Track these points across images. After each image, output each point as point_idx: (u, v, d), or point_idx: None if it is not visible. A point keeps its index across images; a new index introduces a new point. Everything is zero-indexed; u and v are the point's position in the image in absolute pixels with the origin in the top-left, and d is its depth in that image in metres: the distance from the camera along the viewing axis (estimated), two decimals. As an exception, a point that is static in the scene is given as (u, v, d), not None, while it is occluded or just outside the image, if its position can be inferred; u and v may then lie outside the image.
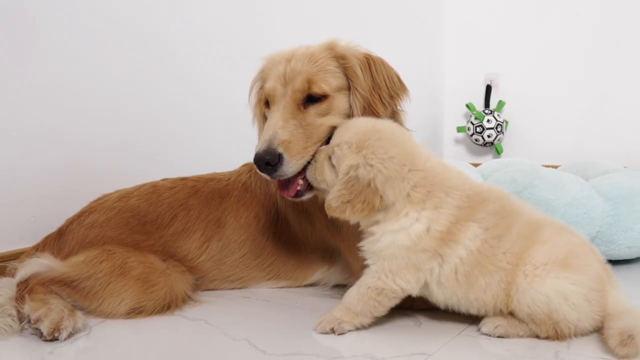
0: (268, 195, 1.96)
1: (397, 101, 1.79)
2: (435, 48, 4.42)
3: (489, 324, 1.52)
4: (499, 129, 4.15)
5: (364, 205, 1.46)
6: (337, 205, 1.48)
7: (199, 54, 2.75)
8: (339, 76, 1.71)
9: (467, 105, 4.30)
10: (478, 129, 4.17)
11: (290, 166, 1.62)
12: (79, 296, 1.72)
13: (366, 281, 1.54)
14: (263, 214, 1.95)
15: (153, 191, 1.98)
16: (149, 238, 1.90)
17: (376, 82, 1.72)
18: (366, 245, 1.55)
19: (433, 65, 4.42)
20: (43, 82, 2.18)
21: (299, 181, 1.68)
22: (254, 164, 1.63)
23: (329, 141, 1.73)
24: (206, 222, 1.94)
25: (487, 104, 4.29)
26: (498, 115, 4.17)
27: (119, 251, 1.80)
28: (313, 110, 1.68)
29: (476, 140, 4.21)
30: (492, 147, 4.31)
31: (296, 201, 1.77)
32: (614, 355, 1.38)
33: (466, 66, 4.42)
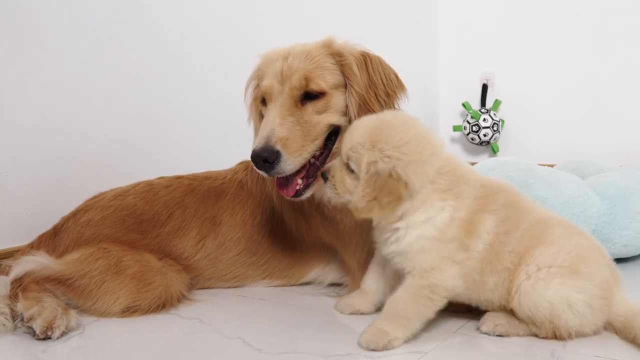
0: (264, 193, 1.95)
1: (394, 99, 1.78)
2: (431, 47, 4.42)
3: (489, 323, 1.51)
4: (495, 128, 4.15)
5: (391, 197, 1.40)
6: (364, 205, 1.42)
7: (197, 52, 2.74)
8: (336, 73, 1.71)
9: (464, 104, 4.30)
10: (474, 128, 4.17)
11: (288, 164, 1.61)
12: (74, 294, 1.71)
13: (414, 282, 1.45)
14: (259, 212, 1.94)
15: (149, 189, 1.97)
16: (145, 237, 1.89)
17: (372, 80, 1.72)
18: (392, 246, 1.48)
19: (429, 64, 4.42)
20: (37, 79, 2.17)
21: (298, 180, 1.67)
22: (251, 161, 1.62)
23: (327, 141, 1.73)
24: (202, 221, 1.93)
25: (484, 103, 4.29)
26: (494, 114, 4.18)
27: (115, 249, 1.79)
28: (310, 107, 1.68)
29: (472, 139, 4.21)
30: (488, 146, 4.31)
31: (295, 201, 1.76)
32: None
33: (462, 65, 4.42)
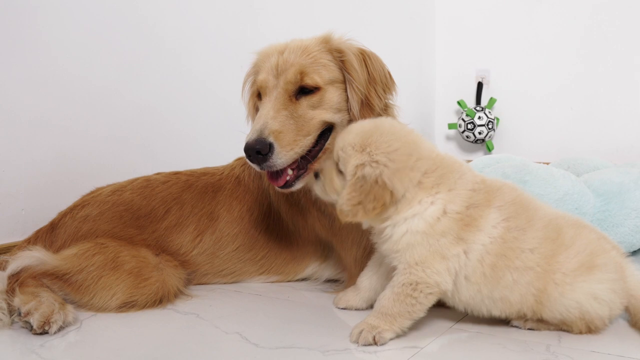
0: (261, 189, 1.95)
1: (389, 95, 1.80)
2: (426, 45, 4.43)
3: (518, 320, 1.54)
4: (490, 126, 4.17)
5: (375, 203, 1.42)
6: (349, 209, 1.44)
7: (193, 48, 2.74)
8: (333, 69, 1.71)
9: (459, 102, 4.32)
10: (469, 126, 4.18)
11: (280, 157, 1.61)
12: (71, 289, 1.71)
13: (398, 279, 1.48)
14: (256, 208, 1.95)
15: (146, 185, 1.97)
16: (142, 232, 1.89)
17: (372, 76, 1.72)
18: (384, 246, 1.51)
19: (424, 62, 4.43)
20: (34, 75, 2.16)
21: (288, 171, 1.67)
22: (244, 154, 1.62)
23: (320, 137, 1.74)
24: (199, 216, 1.94)
25: (479, 101, 4.30)
26: (489, 112, 4.19)
27: (112, 245, 1.79)
28: (305, 102, 1.68)
29: (467, 137, 4.22)
30: (483, 144, 4.32)
31: (285, 192, 1.76)
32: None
33: (457, 63, 4.43)
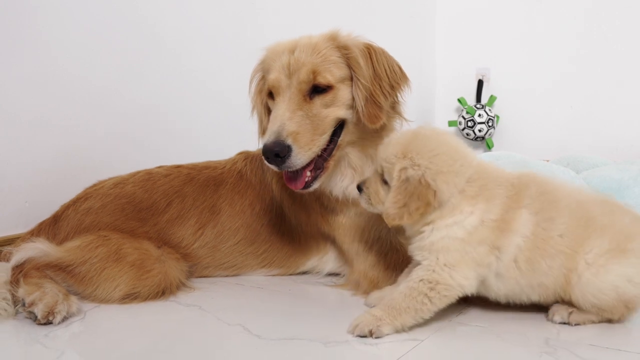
0: (263, 183, 1.97)
1: (398, 91, 1.80)
2: (427, 42, 4.44)
3: (562, 312, 1.54)
4: (490, 124, 4.18)
5: (419, 203, 1.44)
6: (395, 212, 1.46)
7: (194, 47, 2.75)
8: (342, 67, 1.72)
9: (459, 99, 4.33)
10: (469, 124, 4.20)
11: (299, 157, 1.63)
12: (74, 281, 1.73)
13: (418, 274, 1.48)
14: (258, 202, 1.96)
15: (148, 178, 1.98)
16: (144, 225, 1.91)
17: (377, 72, 1.73)
18: (415, 243, 1.53)
19: (425, 59, 4.44)
20: (36, 71, 2.17)
21: (307, 173, 1.69)
22: (262, 156, 1.64)
23: (333, 134, 1.75)
24: (201, 209, 1.95)
25: (479, 99, 4.32)
26: (489, 109, 4.21)
27: (115, 237, 1.81)
28: (319, 101, 1.69)
29: (467, 134, 4.24)
30: (483, 142, 4.34)
31: (304, 192, 1.78)
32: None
33: (458, 61, 4.45)
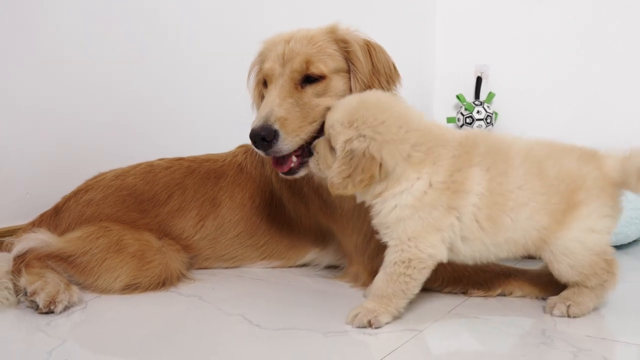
0: (263, 176, 1.98)
1: (392, 87, 1.82)
2: (426, 39, 4.45)
3: (561, 307, 1.55)
4: (489, 121, 4.20)
5: (363, 175, 1.46)
6: (339, 181, 1.48)
7: (197, 38, 2.75)
8: (338, 59, 1.74)
9: (458, 96, 4.34)
10: (468, 120, 4.21)
11: (285, 143, 1.63)
12: (75, 271, 1.74)
13: (390, 258, 1.51)
14: (258, 195, 1.98)
15: (149, 170, 2.00)
16: (145, 216, 1.92)
17: (376, 68, 1.75)
18: (375, 221, 1.54)
19: (424, 56, 4.45)
20: (37, 61, 2.18)
21: (293, 158, 1.70)
22: (250, 140, 1.65)
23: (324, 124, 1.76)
24: (201, 202, 1.97)
25: (477, 96, 4.33)
26: (488, 106, 4.22)
27: (116, 228, 1.82)
28: (310, 90, 1.70)
29: (466, 131, 4.24)
30: (481, 139, 4.35)
31: (289, 178, 1.78)
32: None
33: (457, 57, 4.45)
